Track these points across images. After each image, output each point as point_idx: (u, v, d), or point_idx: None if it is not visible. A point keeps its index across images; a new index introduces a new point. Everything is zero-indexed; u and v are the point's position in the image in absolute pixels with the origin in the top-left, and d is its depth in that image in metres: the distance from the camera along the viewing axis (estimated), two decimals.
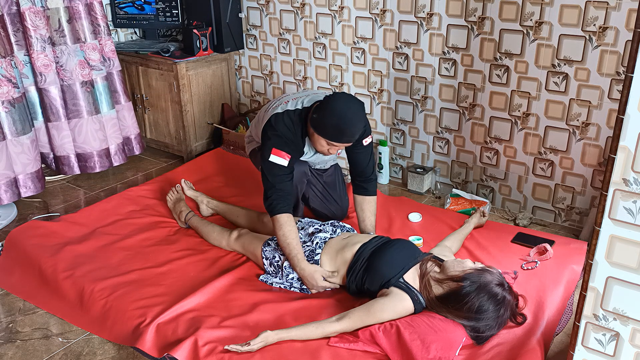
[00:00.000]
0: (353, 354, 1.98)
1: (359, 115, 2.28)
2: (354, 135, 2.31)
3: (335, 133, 2.27)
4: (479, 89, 2.98)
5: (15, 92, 2.92)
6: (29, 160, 3.05)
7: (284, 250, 2.30)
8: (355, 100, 2.31)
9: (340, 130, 2.26)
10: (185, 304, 2.20)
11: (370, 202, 2.59)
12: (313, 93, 2.51)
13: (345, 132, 2.26)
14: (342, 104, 2.26)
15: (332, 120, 2.24)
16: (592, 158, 2.78)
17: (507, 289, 2.01)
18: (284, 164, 2.35)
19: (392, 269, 2.12)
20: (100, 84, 3.31)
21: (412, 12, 3.06)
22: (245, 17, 3.76)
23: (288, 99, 2.49)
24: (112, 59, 3.38)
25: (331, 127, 2.26)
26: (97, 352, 2.13)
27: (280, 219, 2.30)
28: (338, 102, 2.27)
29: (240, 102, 4.06)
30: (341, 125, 2.24)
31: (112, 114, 3.41)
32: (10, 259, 2.62)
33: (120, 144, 3.48)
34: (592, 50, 2.60)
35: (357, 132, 2.31)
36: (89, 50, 3.23)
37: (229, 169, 3.41)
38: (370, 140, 2.54)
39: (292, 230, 2.30)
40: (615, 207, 1.41)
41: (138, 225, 2.80)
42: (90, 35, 3.21)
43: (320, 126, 2.28)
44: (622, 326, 1.52)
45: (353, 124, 2.26)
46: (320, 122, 2.28)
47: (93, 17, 3.23)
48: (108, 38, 3.32)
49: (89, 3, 3.19)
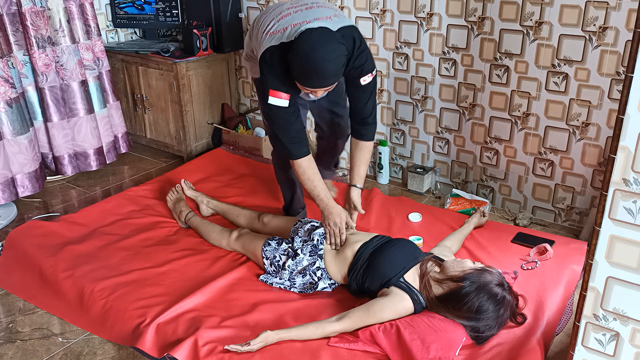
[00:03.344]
0: (353, 354, 1.98)
1: (329, 57, 2.04)
2: (323, 79, 2.09)
3: (301, 76, 2.10)
4: (479, 89, 2.98)
5: (12, 92, 2.94)
6: (27, 160, 3.07)
7: (311, 193, 2.36)
8: (325, 38, 2.07)
9: (305, 74, 2.07)
10: (185, 304, 2.20)
11: (363, 149, 2.45)
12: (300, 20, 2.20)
13: (311, 75, 2.07)
14: (307, 45, 2.05)
15: (297, 62, 2.07)
16: (592, 158, 2.78)
17: (507, 289, 2.01)
18: (284, 104, 2.20)
19: (392, 269, 2.12)
20: (92, 84, 3.38)
21: (412, 12, 3.06)
22: (245, 17, 3.76)
23: (278, 26, 2.23)
24: (101, 59, 3.44)
25: (298, 70, 2.09)
26: (97, 352, 2.14)
27: (302, 164, 2.31)
28: (303, 43, 2.06)
29: (240, 102, 4.06)
30: (306, 67, 2.05)
31: (104, 113, 3.48)
32: (10, 259, 2.62)
33: (112, 142, 3.56)
34: (592, 50, 2.60)
35: (328, 76, 2.09)
36: (82, 50, 3.29)
37: (229, 169, 3.41)
38: (371, 80, 2.31)
39: (315, 172, 2.34)
40: (615, 207, 1.41)
41: (138, 225, 2.80)
42: (83, 36, 3.28)
43: (292, 70, 2.11)
44: (622, 326, 1.52)
45: (320, 67, 2.04)
46: (291, 66, 2.10)
47: (85, 18, 3.29)
48: (98, 39, 3.38)
49: (81, 4, 3.25)
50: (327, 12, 2.26)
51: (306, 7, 2.27)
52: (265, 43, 2.24)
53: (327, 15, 2.23)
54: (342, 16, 2.30)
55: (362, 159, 2.48)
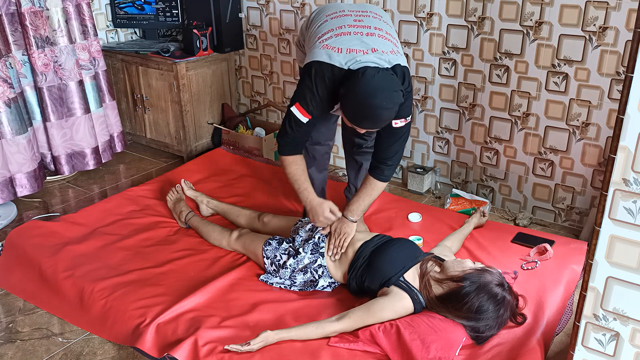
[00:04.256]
0: (353, 354, 1.98)
1: (387, 104, 1.99)
2: (376, 123, 2.06)
3: (354, 117, 2.06)
4: (479, 89, 2.98)
5: (10, 92, 2.95)
6: (25, 160, 3.08)
7: (293, 185, 2.35)
8: (387, 84, 2.00)
9: (360, 117, 2.03)
10: (185, 304, 2.20)
11: (372, 186, 2.34)
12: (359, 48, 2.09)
13: (366, 119, 2.03)
14: (368, 88, 1.97)
15: (353, 102, 2.01)
16: (592, 158, 2.78)
17: (507, 289, 2.01)
18: (303, 120, 2.17)
19: (392, 268, 2.12)
20: (89, 83, 3.40)
21: (412, 12, 3.06)
22: (245, 17, 3.76)
23: (334, 42, 2.12)
24: (97, 59, 3.45)
25: (352, 110, 2.04)
26: (97, 352, 2.14)
27: (286, 160, 2.32)
28: (364, 86, 1.97)
29: (240, 102, 4.06)
30: (362, 111, 2.00)
31: (101, 112, 3.50)
32: (10, 259, 2.61)
33: (107, 141, 3.58)
34: (592, 50, 2.60)
35: (382, 122, 2.06)
36: (78, 50, 3.31)
37: (229, 169, 3.41)
38: (403, 125, 2.20)
39: (298, 168, 2.32)
40: (615, 207, 1.41)
41: (138, 225, 2.80)
42: (80, 36, 3.30)
43: (343, 105, 2.06)
44: (622, 326, 1.52)
45: (376, 113, 1.99)
46: (343, 100, 2.05)
47: (82, 18, 3.31)
48: (94, 39, 3.39)
49: (78, 4, 3.26)
50: (387, 45, 2.15)
51: (367, 33, 2.17)
52: (316, 52, 2.15)
53: (387, 50, 2.13)
54: (398, 53, 2.18)
55: (366, 194, 2.35)
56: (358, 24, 2.21)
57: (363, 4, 2.37)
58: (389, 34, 2.24)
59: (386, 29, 2.25)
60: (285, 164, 2.33)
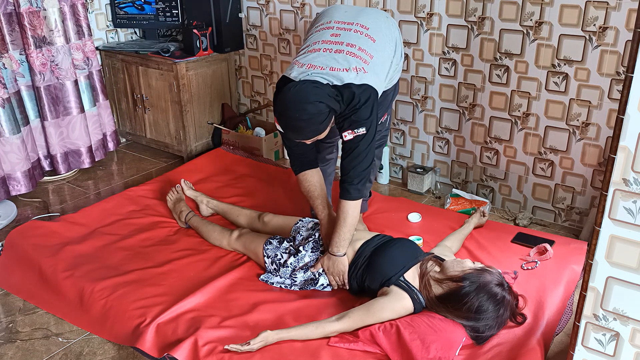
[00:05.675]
0: (353, 354, 1.98)
1: (301, 116, 1.99)
2: (299, 135, 2.08)
3: (281, 127, 2.11)
4: (479, 89, 2.98)
5: (4, 92, 2.98)
6: (19, 160, 3.10)
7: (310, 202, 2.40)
8: (302, 97, 1.99)
9: (283, 127, 2.09)
10: (185, 304, 2.20)
11: (338, 210, 2.22)
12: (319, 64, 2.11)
13: (288, 131, 2.08)
14: (283, 100, 2.03)
15: (275, 114, 2.10)
16: (592, 158, 2.78)
17: (507, 289, 2.01)
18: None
19: (392, 268, 2.12)
20: (83, 83, 3.43)
21: (412, 12, 3.06)
22: (245, 17, 3.76)
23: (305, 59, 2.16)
24: (91, 59, 3.48)
25: (277, 122, 2.11)
26: (97, 352, 2.14)
27: (297, 178, 2.38)
28: (282, 98, 2.04)
29: (240, 102, 4.06)
30: (281, 123, 2.07)
31: (95, 111, 3.54)
32: (10, 259, 2.61)
33: (101, 140, 3.61)
34: (592, 50, 2.60)
35: (304, 133, 2.06)
36: (73, 50, 3.33)
37: (229, 169, 3.41)
38: (352, 137, 2.12)
39: (309, 185, 2.35)
40: (615, 207, 1.41)
41: (138, 225, 2.80)
42: (74, 36, 3.33)
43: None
44: (622, 326, 1.52)
45: (293, 124, 2.03)
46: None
47: (77, 18, 3.33)
48: (89, 39, 3.42)
49: (73, 4, 3.29)
50: (351, 63, 2.11)
51: (337, 50, 2.15)
52: (291, 65, 2.19)
53: (349, 67, 2.10)
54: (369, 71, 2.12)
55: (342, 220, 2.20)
56: (333, 40, 2.19)
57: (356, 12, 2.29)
58: (363, 50, 2.17)
59: (363, 45, 2.18)
60: (298, 182, 2.40)
